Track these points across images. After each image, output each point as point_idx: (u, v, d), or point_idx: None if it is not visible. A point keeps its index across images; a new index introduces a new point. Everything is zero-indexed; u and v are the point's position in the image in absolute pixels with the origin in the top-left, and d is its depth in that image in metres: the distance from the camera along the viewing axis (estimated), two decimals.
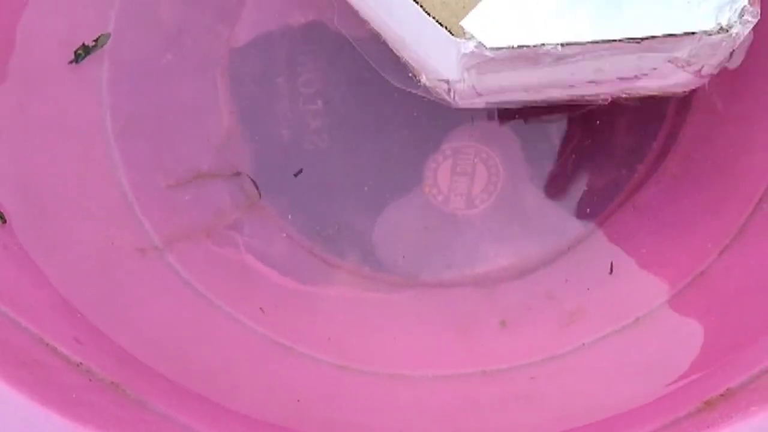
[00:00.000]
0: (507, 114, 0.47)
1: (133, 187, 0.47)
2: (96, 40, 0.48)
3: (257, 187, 0.47)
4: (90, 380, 0.39)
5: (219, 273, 0.46)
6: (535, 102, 0.42)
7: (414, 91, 0.43)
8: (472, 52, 0.37)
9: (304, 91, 0.48)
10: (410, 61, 0.41)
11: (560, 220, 0.47)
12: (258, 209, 0.47)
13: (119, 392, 0.39)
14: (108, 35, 0.48)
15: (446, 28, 0.37)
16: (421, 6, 0.38)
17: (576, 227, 0.46)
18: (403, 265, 0.46)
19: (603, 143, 0.47)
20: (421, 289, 0.46)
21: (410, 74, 0.42)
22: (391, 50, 0.42)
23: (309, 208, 0.47)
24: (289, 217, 0.47)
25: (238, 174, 0.48)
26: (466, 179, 0.47)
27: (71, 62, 0.47)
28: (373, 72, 0.46)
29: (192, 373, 0.42)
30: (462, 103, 0.41)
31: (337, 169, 0.48)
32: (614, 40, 0.37)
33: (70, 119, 0.46)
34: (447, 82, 0.40)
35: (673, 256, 0.45)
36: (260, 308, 0.45)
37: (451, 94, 0.40)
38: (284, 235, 0.47)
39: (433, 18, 0.38)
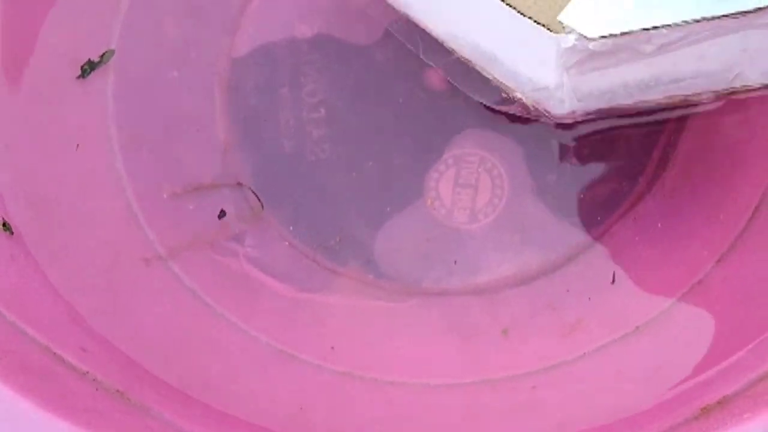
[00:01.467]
0: (511, 121, 0.47)
1: (138, 197, 0.47)
2: (101, 56, 0.49)
3: (259, 198, 0.47)
4: (96, 389, 0.39)
5: (222, 282, 0.46)
6: (637, 107, 0.41)
7: (511, 111, 0.43)
8: (574, 46, 0.36)
9: (308, 101, 0.49)
10: (502, 80, 0.41)
11: (562, 231, 0.47)
12: (260, 219, 0.47)
13: (124, 400, 0.39)
14: (112, 51, 0.49)
15: (543, 25, 0.37)
16: (515, 8, 0.37)
17: (577, 238, 0.47)
18: (405, 274, 0.47)
19: (604, 153, 0.47)
20: (424, 298, 0.46)
21: (504, 94, 0.42)
22: (481, 74, 0.42)
23: (311, 219, 0.47)
24: (291, 228, 0.47)
25: (240, 184, 0.48)
26: (470, 191, 0.47)
27: (78, 77, 0.48)
28: (377, 82, 0.47)
29: (195, 381, 0.42)
30: (561, 114, 0.40)
31: (339, 179, 0.48)
32: (719, 17, 0.36)
33: (77, 132, 0.47)
34: (545, 89, 0.39)
35: (671, 265, 0.45)
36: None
37: (550, 104, 0.40)
38: (286, 243, 0.47)
39: (529, 18, 0.37)
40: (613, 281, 0.46)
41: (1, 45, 0.47)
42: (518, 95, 0.40)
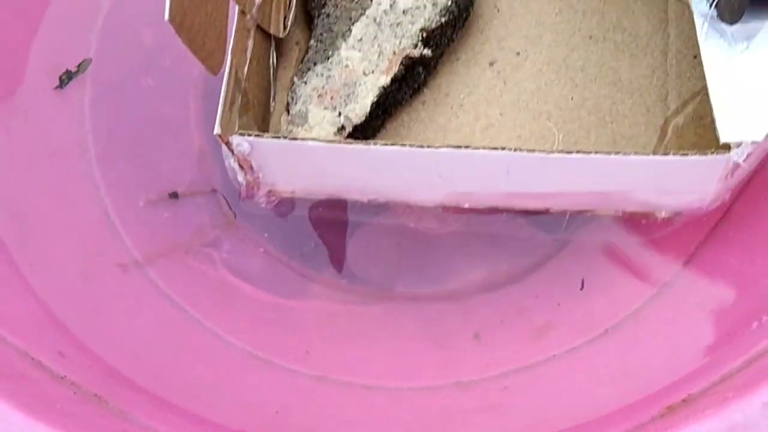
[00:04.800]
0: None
1: (115, 205, 0.48)
2: (78, 66, 0.50)
3: (230, 206, 0.48)
4: (74, 393, 0.39)
5: (198, 288, 0.46)
6: None
7: None
8: (748, 154, 0.39)
9: None
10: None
11: (530, 238, 0.48)
12: (235, 226, 0.48)
13: (102, 404, 0.40)
14: (89, 60, 0.50)
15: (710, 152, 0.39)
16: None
17: (545, 245, 0.48)
18: (378, 279, 0.47)
19: None
20: (396, 302, 0.47)
21: None
22: None
23: (285, 226, 0.48)
24: (265, 235, 0.48)
25: (215, 191, 0.48)
26: None
27: (56, 87, 0.49)
28: None
29: (172, 386, 0.43)
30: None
31: None
32: None
33: (55, 141, 0.47)
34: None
35: (639, 269, 0.47)
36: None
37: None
38: (261, 250, 0.48)
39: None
40: (582, 287, 0.47)
41: None
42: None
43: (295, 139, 0.41)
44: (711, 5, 0.41)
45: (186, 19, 0.34)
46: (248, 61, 0.43)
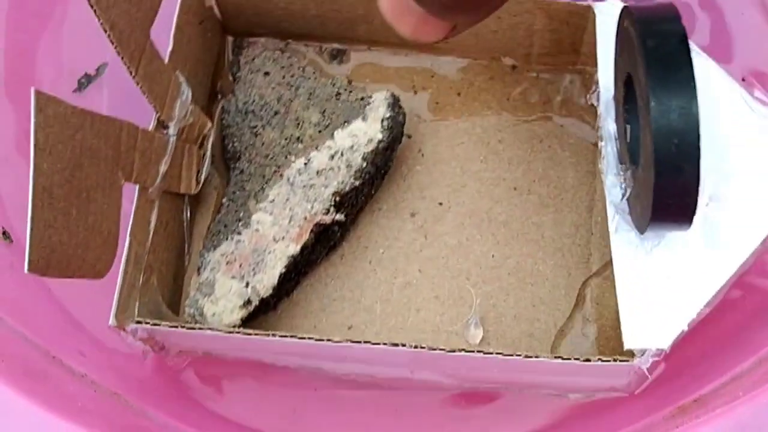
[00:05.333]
0: None
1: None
2: (97, 69, 0.50)
3: None
4: (95, 391, 0.40)
5: None
6: None
7: None
8: (654, 362, 0.38)
9: None
10: None
11: None
12: None
13: (121, 402, 0.40)
14: (106, 64, 0.50)
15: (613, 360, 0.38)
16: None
17: None
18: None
19: None
20: None
21: None
22: None
23: None
24: None
25: None
26: None
27: (75, 91, 0.50)
28: None
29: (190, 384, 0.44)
30: None
31: None
32: None
33: None
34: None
35: None
36: None
37: None
38: None
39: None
40: None
41: (4, 62, 0.49)
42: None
43: (192, 328, 0.40)
44: (623, 197, 0.40)
45: (53, 257, 0.33)
46: (152, 232, 0.42)
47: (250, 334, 0.40)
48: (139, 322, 0.40)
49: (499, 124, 0.49)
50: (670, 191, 0.34)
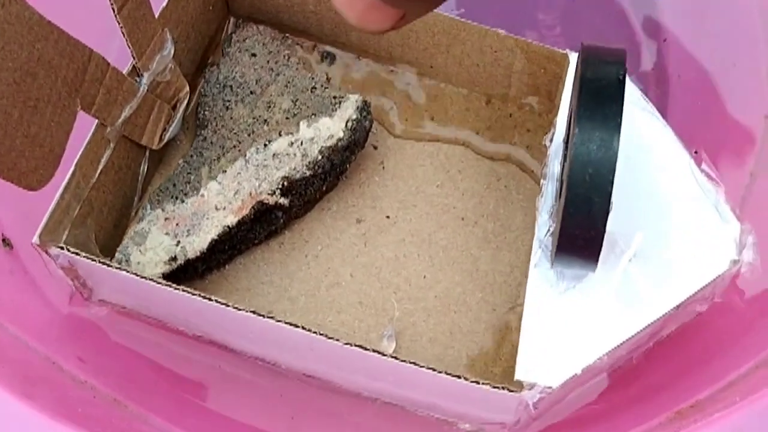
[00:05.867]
0: None
1: None
2: None
3: None
4: (94, 396, 0.40)
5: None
6: None
7: None
8: (541, 398, 0.38)
9: None
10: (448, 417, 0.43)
11: None
12: None
13: (121, 407, 0.41)
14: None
15: (502, 388, 0.38)
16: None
17: None
18: None
19: None
20: None
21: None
22: None
23: None
24: None
25: None
26: None
27: None
28: None
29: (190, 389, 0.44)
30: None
31: None
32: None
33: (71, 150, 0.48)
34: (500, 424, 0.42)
35: None
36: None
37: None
38: None
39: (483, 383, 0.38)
40: None
41: None
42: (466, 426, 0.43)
43: (109, 265, 0.40)
44: (546, 233, 0.40)
45: None
46: (99, 170, 0.43)
47: (160, 284, 0.40)
48: (62, 248, 0.40)
49: (463, 155, 0.50)
50: (577, 221, 0.34)
